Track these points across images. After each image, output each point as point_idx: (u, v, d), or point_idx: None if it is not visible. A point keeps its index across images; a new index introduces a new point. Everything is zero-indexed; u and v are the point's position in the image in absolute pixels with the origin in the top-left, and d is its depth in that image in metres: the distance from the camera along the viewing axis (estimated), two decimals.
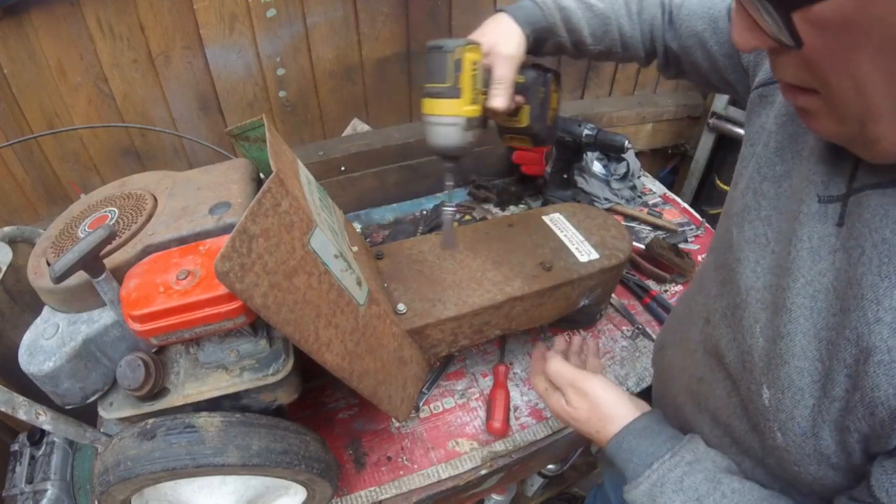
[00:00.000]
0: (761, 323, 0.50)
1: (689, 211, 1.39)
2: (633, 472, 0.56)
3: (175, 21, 0.99)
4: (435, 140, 0.67)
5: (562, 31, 0.74)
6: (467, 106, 0.64)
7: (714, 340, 0.58)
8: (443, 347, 0.82)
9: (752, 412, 0.51)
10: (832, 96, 0.37)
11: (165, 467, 0.54)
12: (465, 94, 0.64)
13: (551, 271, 0.84)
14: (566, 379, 0.65)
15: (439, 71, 0.63)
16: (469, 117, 0.65)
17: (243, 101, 1.14)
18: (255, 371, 0.58)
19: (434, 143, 0.67)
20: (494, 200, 1.36)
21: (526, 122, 0.75)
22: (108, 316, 0.57)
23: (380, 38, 1.19)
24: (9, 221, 0.98)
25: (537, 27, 0.72)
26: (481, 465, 0.81)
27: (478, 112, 0.66)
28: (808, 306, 0.45)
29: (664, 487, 0.53)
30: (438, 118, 0.65)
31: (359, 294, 0.63)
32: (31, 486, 0.94)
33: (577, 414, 0.63)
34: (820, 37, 0.33)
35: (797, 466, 0.48)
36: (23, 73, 0.92)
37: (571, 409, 0.64)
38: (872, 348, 0.39)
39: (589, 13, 0.73)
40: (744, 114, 0.64)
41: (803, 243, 0.47)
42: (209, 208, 0.60)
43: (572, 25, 0.73)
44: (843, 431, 0.43)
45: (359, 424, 0.86)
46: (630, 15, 0.74)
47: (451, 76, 0.63)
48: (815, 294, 0.45)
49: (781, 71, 0.40)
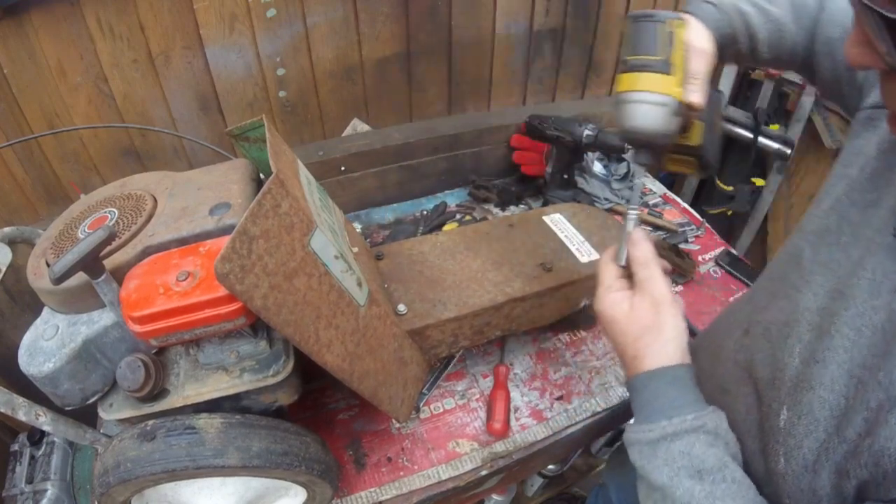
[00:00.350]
0: (802, 344, 0.48)
1: (689, 211, 1.39)
2: (648, 415, 0.51)
3: (175, 21, 0.99)
4: (635, 121, 0.56)
5: (743, 38, 0.67)
6: (677, 87, 0.55)
7: (749, 353, 0.55)
8: (443, 348, 0.82)
9: (765, 431, 0.50)
10: None
11: (165, 469, 0.54)
12: (678, 73, 0.55)
13: (552, 272, 0.84)
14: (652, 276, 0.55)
15: (649, 42, 0.55)
16: (677, 99, 0.56)
17: (243, 101, 1.14)
18: (255, 372, 0.58)
19: (633, 124, 0.57)
20: (495, 200, 1.36)
21: (698, 140, 0.67)
22: (108, 317, 0.57)
23: (380, 38, 1.19)
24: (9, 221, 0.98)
25: (722, 33, 0.65)
26: (482, 466, 0.81)
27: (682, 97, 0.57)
28: (851, 338, 0.43)
29: (672, 444, 0.49)
30: (643, 95, 0.55)
31: (359, 295, 0.63)
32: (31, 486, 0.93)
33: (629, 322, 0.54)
34: None
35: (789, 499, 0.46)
36: (23, 73, 0.92)
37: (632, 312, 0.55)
38: None
39: (764, 18, 0.66)
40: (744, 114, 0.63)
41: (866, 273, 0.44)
42: (209, 209, 0.60)
43: (752, 32, 0.66)
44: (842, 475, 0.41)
45: (359, 425, 0.86)
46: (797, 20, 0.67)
47: (664, 49, 0.54)
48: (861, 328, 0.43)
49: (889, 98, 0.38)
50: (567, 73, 1.50)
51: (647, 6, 1.47)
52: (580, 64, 1.50)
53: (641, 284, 0.55)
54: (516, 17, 1.32)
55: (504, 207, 1.35)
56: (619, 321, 0.55)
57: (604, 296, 0.58)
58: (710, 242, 1.28)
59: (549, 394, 0.92)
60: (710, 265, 1.21)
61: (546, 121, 1.27)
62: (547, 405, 0.90)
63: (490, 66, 1.37)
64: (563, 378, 0.94)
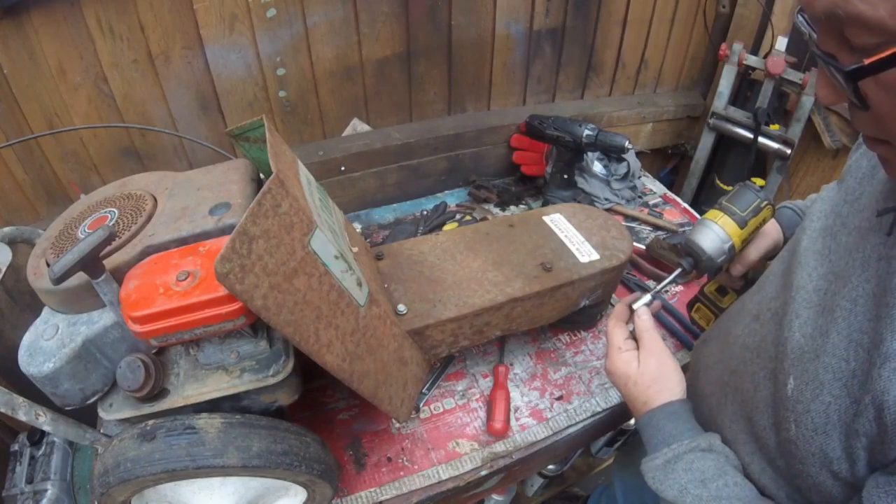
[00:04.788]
0: (801, 319, 0.54)
1: (689, 211, 1.39)
2: (654, 446, 0.62)
3: (175, 21, 0.99)
4: (699, 238, 0.76)
5: None
6: (739, 239, 0.76)
7: (758, 336, 0.62)
8: (443, 348, 0.82)
9: (776, 403, 0.54)
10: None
11: (165, 469, 0.54)
12: (745, 231, 0.76)
13: (552, 272, 0.84)
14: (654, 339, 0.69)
15: (745, 202, 0.76)
16: (734, 245, 0.76)
17: (243, 101, 1.14)
18: (255, 372, 0.58)
19: (696, 240, 0.76)
20: (495, 201, 1.36)
21: (726, 305, 0.87)
22: (108, 317, 0.57)
23: (380, 38, 1.19)
24: (9, 221, 0.99)
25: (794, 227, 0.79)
26: (482, 466, 0.81)
27: (739, 248, 0.77)
28: (848, 308, 0.48)
29: (676, 464, 0.59)
30: (718, 227, 0.75)
31: (359, 295, 0.63)
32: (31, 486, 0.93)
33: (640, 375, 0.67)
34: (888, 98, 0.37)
35: (801, 465, 0.50)
36: (23, 73, 0.92)
37: (639, 368, 0.67)
38: (891, 355, 0.42)
39: None
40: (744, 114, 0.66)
41: (859, 253, 0.50)
42: (209, 209, 0.60)
43: None
44: (852, 436, 0.45)
45: (359, 425, 0.86)
46: None
47: (749, 212, 0.76)
48: (856, 298, 0.48)
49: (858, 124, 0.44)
50: (567, 73, 1.50)
51: (647, 7, 1.47)
52: (580, 64, 1.50)
53: (645, 346, 0.69)
54: (516, 17, 1.32)
55: (504, 207, 1.35)
56: (631, 376, 0.67)
57: (616, 356, 0.70)
58: None
59: (549, 394, 0.92)
60: None
61: (546, 121, 1.27)
62: (547, 405, 0.90)
63: (490, 66, 1.37)
64: (563, 378, 0.94)
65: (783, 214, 0.83)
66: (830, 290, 0.52)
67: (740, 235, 0.76)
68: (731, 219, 0.75)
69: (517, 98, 1.48)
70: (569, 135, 1.22)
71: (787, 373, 0.53)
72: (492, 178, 1.44)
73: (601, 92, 1.60)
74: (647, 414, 0.64)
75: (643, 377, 0.66)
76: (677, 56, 1.65)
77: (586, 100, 1.58)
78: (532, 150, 1.40)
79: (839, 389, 0.46)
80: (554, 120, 1.26)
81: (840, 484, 0.48)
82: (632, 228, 1.32)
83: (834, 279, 0.52)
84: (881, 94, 0.38)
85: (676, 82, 1.71)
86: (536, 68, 1.44)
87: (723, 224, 0.75)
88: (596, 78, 1.55)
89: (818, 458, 0.48)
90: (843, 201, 0.58)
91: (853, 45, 0.37)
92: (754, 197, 0.76)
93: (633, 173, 1.40)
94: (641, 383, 0.66)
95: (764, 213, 0.77)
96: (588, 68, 1.52)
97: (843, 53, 0.39)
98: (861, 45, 0.37)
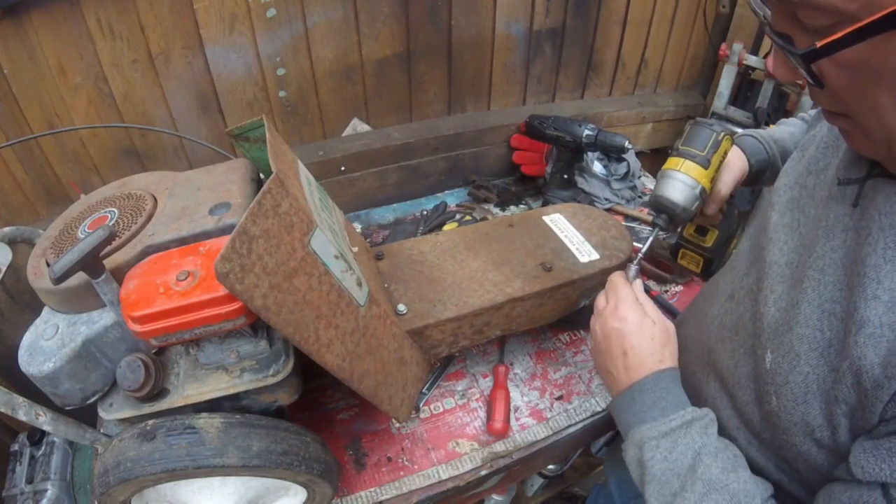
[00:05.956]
0: (776, 294, 0.54)
1: None
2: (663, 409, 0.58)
3: (175, 21, 0.99)
4: (667, 191, 0.72)
5: (778, 163, 0.80)
6: (707, 179, 0.72)
7: (735, 315, 0.62)
8: (443, 348, 0.82)
9: (756, 378, 0.55)
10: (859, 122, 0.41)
11: (165, 468, 0.54)
12: (710, 170, 0.72)
13: (552, 272, 0.84)
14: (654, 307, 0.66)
15: (700, 141, 0.72)
16: (704, 188, 0.72)
17: (243, 101, 1.14)
18: (255, 372, 0.58)
19: (664, 194, 0.73)
20: (494, 200, 1.36)
21: (710, 244, 0.83)
22: (108, 317, 0.57)
23: (380, 38, 1.19)
24: (9, 221, 0.99)
25: (759, 157, 0.79)
26: (482, 466, 0.81)
27: (709, 188, 0.73)
28: (816, 278, 0.49)
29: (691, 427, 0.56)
30: (681, 174, 0.71)
31: (359, 295, 0.63)
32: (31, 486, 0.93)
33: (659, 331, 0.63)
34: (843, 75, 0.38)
35: (785, 435, 0.51)
36: (23, 73, 0.92)
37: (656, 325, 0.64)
38: (866, 321, 0.43)
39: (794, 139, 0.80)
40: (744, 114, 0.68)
41: (822, 222, 0.51)
42: (209, 209, 0.60)
43: (786, 153, 0.79)
44: (832, 403, 0.46)
45: (359, 425, 0.86)
46: None
47: (709, 150, 0.72)
48: (824, 268, 0.49)
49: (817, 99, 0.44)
50: (567, 73, 1.50)
51: (647, 7, 1.47)
52: (580, 64, 1.50)
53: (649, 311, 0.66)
54: (516, 17, 1.32)
55: (504, 207, 1.35)
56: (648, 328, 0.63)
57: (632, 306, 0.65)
58: None
59: (549, 393, 0.92)
60: None
61: (546, 121, 1.27)
62: (547, 405, 0.90)
63: (490, 66, 1.37)
64: (563, 378, 0.94)
65: (745, 142, 0.81)
66: (801, 262, 0.52)
67: (707, 176, 0.72)
68: (692, 162, 0.71)
69: (517, 98, 1.48)
70: (569, 135, 1.21)
71: (764, 347, 0.53)
72: (492, 178, 1.44)
73: (601, 92, 1.60)
74: (658, 373, 0.60)
75: (661, 334, 0.63)
76: (677, 56, 1.65)
77: (586, 100, 1.58)
78: (532, 150, 1.40)
79: (816, 359, 0.47)
80: (554, 120, 1.26)
81: (824, 452, 0.49)
82: (632, 228, 1.32)
83: (803, 251, 0.53)
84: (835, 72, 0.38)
85: (676, 82, 1.71)
86: (536, 68, 1.44)
87: (686, 170, 0.71)
88: (596, 78, 1.55)
89: (800, 427, 0.49)
90: (808, 172, 0.58)
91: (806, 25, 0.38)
92: (710, 132, 0.72)
93: (633, 173, 1.40)
94: (659, 339, 0.63)
95: (724, 145, 0.73)
96: (588, 68, 1.52)
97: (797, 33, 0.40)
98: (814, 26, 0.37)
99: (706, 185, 0.72)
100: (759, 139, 0.81)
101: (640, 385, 0.60)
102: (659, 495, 0.54)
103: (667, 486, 0.54)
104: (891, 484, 0.41)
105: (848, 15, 0.35)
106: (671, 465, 0.54)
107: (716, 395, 0.63)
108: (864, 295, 0.43)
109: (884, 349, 0.41)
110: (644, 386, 0.60)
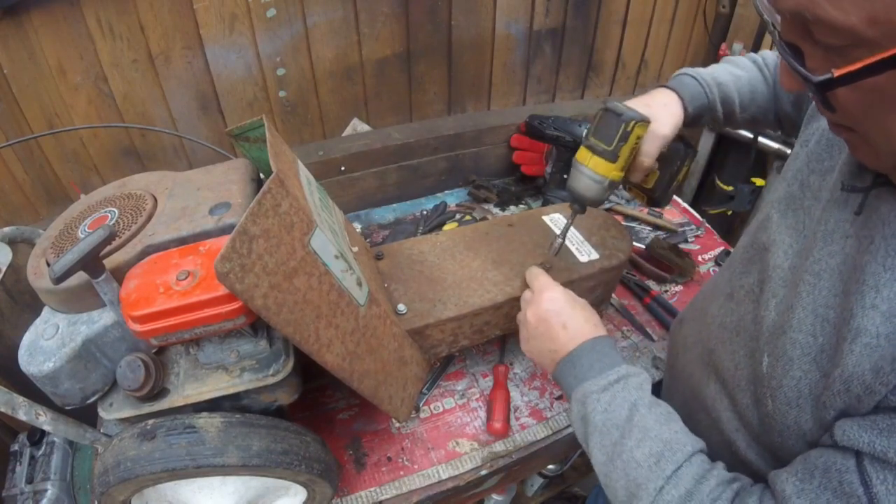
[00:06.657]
0: (778, 298, 0.54)
1: (689, 211, 1.39)
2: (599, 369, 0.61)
3: (175, 21, 0.99)
4: (577, 186, 0.73)
5: (718, 106, 0.78)
6: (616, 172, 0.71)
7: (736, 316, 0.62)
8: (443, 348, 0.82)
9: (755, 380, 0.55)
10: (866, 138, 0.41)
11: (165, 468, 0.54)
12: (619, 162, 0.70)
13: (551, 271, 0.84)
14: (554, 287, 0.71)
15: (608, 133, 0.69)
16: (613, 180, 0.72)
17: (243, 101, 1.14)
18: (255, 372, 0.58)
19: (574, 187, 0.74)
20: (494, 200, 1.36)
21: (651, 185, 0.81)
22: (108, 316, 0.57)
23: (380, 38, 1.19)
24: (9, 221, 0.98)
25: (698, 104, 0.76)
26: (482, 466, 0.81)
27: (620, 177, 0.73)
28: (811, 283, 0.49)
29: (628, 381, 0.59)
30: (589, 171, 0.71)
31: (359, 294, 0.63)
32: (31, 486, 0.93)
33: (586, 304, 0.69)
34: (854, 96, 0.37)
35: (780, 438, 0.52)
36: (23, 73, 0.92)
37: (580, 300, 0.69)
38: (863, 331, 0.42)
39: (738, 84, 0.78)
40: None
41: (821, 226, 0.51)
42: (209, 209, 0.60)
43: (728, 99, 0.77)
44: (821, 407, 0.46)
45: (359, 425, 0.86)
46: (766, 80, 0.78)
47: (616, 143, 0.69)
48: (820, 272, 0.49)
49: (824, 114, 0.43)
50: (567, 73, 1.50)
51: (647, 6, 1.47)
52: (580, 64, 1.50)
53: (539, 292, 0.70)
54: (516, 17, 1.32)
55: (504, 207, 1.35)
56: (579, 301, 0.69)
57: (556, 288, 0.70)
58: (710, 242, 1.28)
59: (549, 393, 0.92)
60: (709, 265, 1.21)
61: (546, 121, 1.27)
62: (547, 405, 0.90)
63: (490, 66, 1.37)
64: None
65: (684, 84, 0.76)
66: (800, 266, 0.52)
67: (615, 168, 0.70)
68: (599, 158, 0.70)
69: (517, 98, 1.48)
70: (569, 135, 1.22)
71: (762, 350, 0.54)
72: (492, 178, 1.44)
73: (601, 92, 1.60)
74: (594, 339, 0.64)
75: (587, 306, 0.69)
76: (677, 56, 1.65)
77: (586, 100, 1.58)
78: (532, 150, 1.40)
79: (808, 364, 0.48)
80: (554, 120, 1.26)
81: None
82: (632, 228, 1.32)
83: (804, 254, 0.53)
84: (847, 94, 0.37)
85: None
86: (536, 68, 1.44)
87: (594, 166, 0.70)
88: (596, 78, 1.55)
89: (794, 430, 0.50)
90: (810, 169, 0.57)
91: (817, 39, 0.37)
92: (617, 122, 0.68)
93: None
94: (588, 309, 0.68)
95: (636, 132, 0.69)
96: (588, 68, 1.52)
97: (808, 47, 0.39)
98: (826, 43, 0.36)
99: (616, 176, 0.71)
100: (699, 81, 0.77)
101: (580, 349, 0.64)
102: (601, 446, 0.57)
103: (607, 436, 0.57)
104: (865, 453, 0.41)
105: (867, 41, 0.33)
106: (611, 416, 0.57)
107: (716, 396, 0.63)
108: (861, 303, 0.43)
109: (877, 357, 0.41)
110: (583, 350, 0.63)
